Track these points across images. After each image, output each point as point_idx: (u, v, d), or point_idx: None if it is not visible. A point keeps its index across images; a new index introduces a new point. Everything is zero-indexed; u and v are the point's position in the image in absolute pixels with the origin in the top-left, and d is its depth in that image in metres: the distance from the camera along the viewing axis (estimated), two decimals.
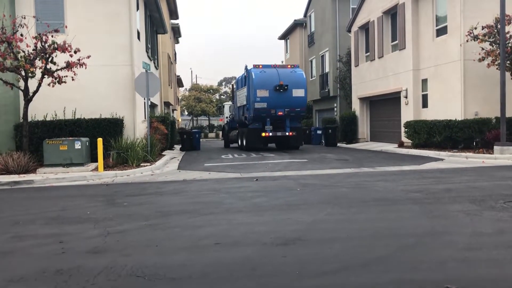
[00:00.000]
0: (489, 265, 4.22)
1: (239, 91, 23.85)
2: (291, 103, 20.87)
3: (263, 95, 20.59)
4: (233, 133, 25.65)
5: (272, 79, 20.78)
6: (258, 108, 20.65)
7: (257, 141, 21.44)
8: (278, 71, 21.33)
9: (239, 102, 23.91)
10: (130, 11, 15.59)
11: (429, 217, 6.29)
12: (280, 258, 4.59)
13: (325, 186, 9.56)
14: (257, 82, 20.68)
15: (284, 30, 40.49)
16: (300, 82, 21.29)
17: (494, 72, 15.81)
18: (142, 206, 7.68)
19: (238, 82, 24.65)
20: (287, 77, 20.99)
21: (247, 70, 21.87)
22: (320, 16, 32.05)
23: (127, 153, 13.79)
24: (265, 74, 20.93)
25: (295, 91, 20.82)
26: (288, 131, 21.28)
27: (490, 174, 10.80)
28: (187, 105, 50.30)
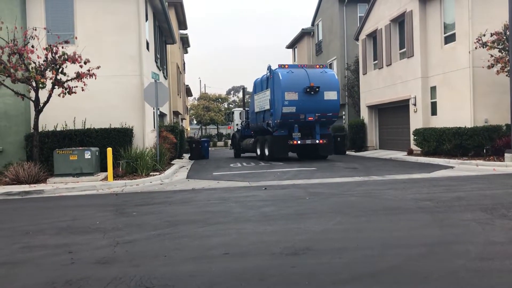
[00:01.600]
0: (502, 275, 4.15)
1: (258, 95, 21.69)
2: (322, 107, 19.00)
3: (292, 98, 18.61)
4: (247, 142, 23.47)
5: (301, 80, 18.87)
6: (286, 112, 18.63)
7: (282, 150, 19.44)
8: (307, 71, 19.35)
9: (257, 107, 21.74)
10: (139, 22, 15.74)
11: (440, 226, 6.22)
12: (289, 268, 4.56)
13: (334, 195, 9.51)
14: (285, 84, 18.64)
15: (292, 39, 40.60)
16: (332, 84, 19.38)
17: (504, 79, 15.70)
18: (151, 216, 7.68)
19: (256, 85, 22.37)
20: (318, 78, 19.07)
21: (271, 71, 19.73)
22: (327, 25, 32.12)
23: (137, 163, 13.84)
24: (293, 75, 18.97)
25: (327, 93, 18.98)
26: (318, 139, 19.35)
27: (501, 181, 10.68)
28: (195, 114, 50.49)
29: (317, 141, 19.33)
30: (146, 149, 14.96)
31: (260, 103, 21.23)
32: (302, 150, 20.73)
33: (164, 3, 18.93)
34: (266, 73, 20.46)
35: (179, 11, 29.25)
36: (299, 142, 19.11)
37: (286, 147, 19.41)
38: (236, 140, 25.59)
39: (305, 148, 20.30)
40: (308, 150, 20.43)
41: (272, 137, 19.67)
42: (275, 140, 19.50)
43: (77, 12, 15.48)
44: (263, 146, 20.59)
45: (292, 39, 40.52)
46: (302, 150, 20.71)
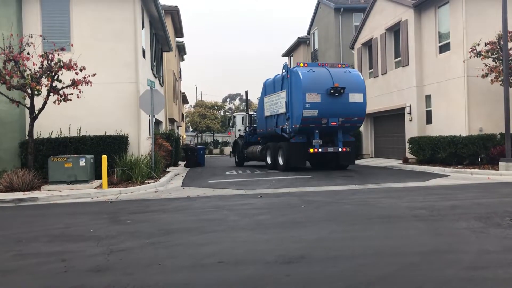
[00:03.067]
0: (495, 284, 4.16)
1: (270, 97, 19.56)
2: (347, 110, 16.98)
3: (314, 100, 16.50)
4: (253, 149, 21.54)
5: (324, 81, 16.86)
6: (307, 116, 16.51)
7: (300, 159, 17.53)
8: (329, 70, 17.38)
9: (268, 110, 19.63)
10: (136, 29, 15.78)
11: (434, 235, 6.24)
12: (283, 277, 4.55)
13: (329, 203, 9.51)
14: (306, 84, 16.56)
15: (288, 47, 40.79)
16: (358, 85, 17.43)
17: (498, 88, 15.81)
18: (146, 224, 7.66)
19: (267, 86, 20.20)
20: (342, 78, 17.10)
21: (288, 70, 17.71)
22: (323, 34, 32.30)
23: (132, 170, 13.81)
24: (314, 74, 16.98)
25: (352, 95, 17.01)
26: (341, 146, 17.35)
27: (495, 190, 10.72)
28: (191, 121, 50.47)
29: (340, 149, 17.32)
30: (141, 156, 14.94)
31: (272, 106, 19.19)
32: (319, 159, 18.81)
33: (161, 11, 19.00)
34: (281, 73, 18.53)
35: (175, 19, 29.35)
36: (320, 150, 17.00)
37: (305, 156, 17.65)
38: (239, 147, 23.43)
39: (324, 157, 18.42)
40: (327, 159, 18.52)
41: (288, 144, 17.56)
42: (292, 147, 17.38)
43: (73, 19, 15.50)
44: (275, 154, 18.68)
45: (288, 47, 40.72)
46: (320, 159, 18.78)
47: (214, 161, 29.69)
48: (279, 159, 18.38)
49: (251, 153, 21.81)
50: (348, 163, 18.22)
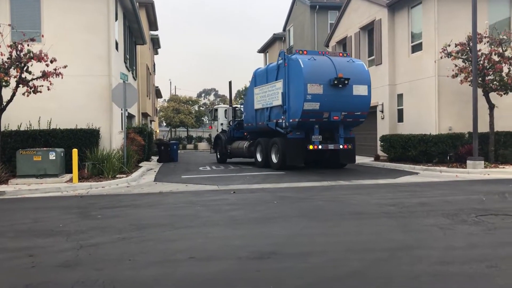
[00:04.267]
0: (461, 279, 4.28)
1: (261, 88, 17.99)
2: (350, 104, 15.63)
3: (316, 91, 15.02)
4: (239, 145, 20.27)
5: (327, 70, 15.40)
6: (308, 110, 15.07)
7: (298, 157, 16.08)
8: (331, 59, 15.90)
9: (259, 102, 18.13)
10: (109, 22, 15.50)
11: (403, 231, 6.36)
12: (254, 272, 4.57)
13: (302, 199, 9.59)
14: (307, 73, 15.03)
15: (264, 44, 40.85)
16: (363, 76, 16.00)
17: (467, 89, 16.20)
18: (117, 219, 7.56)
19: (258, 76, 18.59)
20: (346, 69, 15.67)
21: (285, 57, 16.20)
22: (299, 31, 32.45)
23: (103, 165, 13.60)
24: (316, 63, 15.46)
25: (356, 87, 15.64)
26: (343, 143, 16.02)
27: (463, 188, 11.01)
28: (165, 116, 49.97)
29: (341, 146, 15.96)
30: (113, 151, 14.72)
31: (265, 98, 17.63)
32: (317, 157, 17.31)
33: (135, 3, 18.73)
34: (276, 61, 16.98)
35: (150, 12, 28.98)
36: (320, 147, 15.66)
37: (303, 153, 16.08)
38: (222, 143, 21.91)
39: (322, 155, 17.06)
40: (325, 157, 17.22)
41: (285, 140, 16.15)
42: (289, 144, 15.97)
43: (44, 9, 15.12)
44: (268, 151, 17.28)
45: (264, 44, 40.78)
46: (317, 157, 17.31)
47: (188, 157, 29.50)
48: (272, 156, 17.08)
49: (237, 150, 20.54)
50: (348, 161, 16.91)
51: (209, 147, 30.02)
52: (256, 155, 18.40)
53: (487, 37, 15.80)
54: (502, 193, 9.72)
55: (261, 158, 18.00)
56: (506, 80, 15.12)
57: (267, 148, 17.38)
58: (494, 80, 15.40)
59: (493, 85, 15.46)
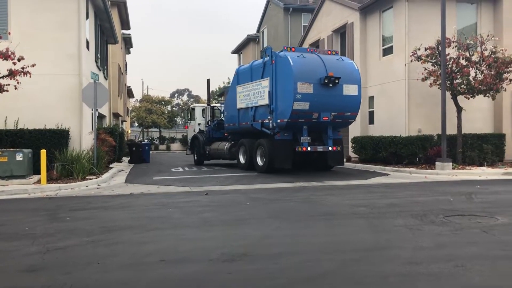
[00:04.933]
0: (429, 279, 4.35)
1: (245, 86, 17.11)
2: (340, 104, 15.06)
3: (306, 91, 14.40)
4: (220, 146, 19.43)
5: (316, 69, 14.78)
6: (298, 110, 14.41)
7: (286, 159, 15.26)
8: (321, 57, 15.27)
9: (243, 102, 17.20)
10: (79, 20, 15.21)
11: (374, 232, 6.45)
12: (226, 274, 4.54)
13: (274, 200, 9.61)
14: (297, 71, 14.38)
15: (238, 45, 40.84)
16: (353, 75, 15.46)
17: (436, 92, 16.56)
18: (86, 221, 7.41)
19: (241, 74, 17.73)
20: (336, 67, 15.08)
21: (272, 54, 15.33)
22: (272, 33, 32.58)
23: (73, 166, 13.33)
24: (305, 61, 14.84)
25: (346, 87, 15.06)
26: (331, 145, 15.41)
27: (431, 189, 11.24)
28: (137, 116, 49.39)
29: (330, 147, 15.37)
30: (83, 151, 14.45)
31: (249, 97, 16.80)
32: (303, 159, 16.62)
33: (106, 2, 18.44)
34: (262, 58, 16.22)
35: (122, 11, 28.58)
36: (309, 149, 14.97)
37: (291, 155, 15.36)
38: (200, 144, 20.95)
39: (309, 157, 16.49)
40: (311, 159, 16.64)
41: (272, 141, 15.43)
42: (277, 145, 15.23)
43: (11, 6, 14.71)
44: (253, 153, 16.50)
45: (238, 45, 40.78)
46: (304, 159, 16.63)
47: (160, 158, 29.22)
48: (257, 158, 16.25)
49: (216, 151, 19.72)
50: (336, 164, 16.35)
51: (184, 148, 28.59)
52: (239, 157, 17.65)
53: (455, 42, 16.20)
54: (469, 194, 9.97)
55: (244, 160, 17.26)
56: (473, 83, 15.53)
57: (252, 150, 16.59)
58: (461, 83, 15.80)
59: (460, 88, 15.86)
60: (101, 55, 20.59)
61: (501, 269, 4.61)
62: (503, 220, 7.00)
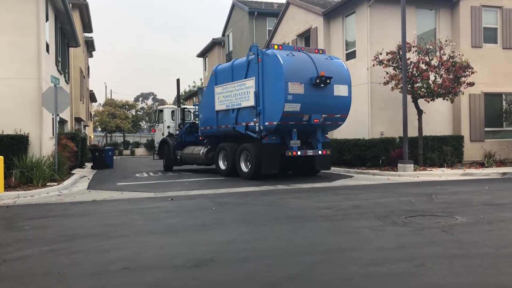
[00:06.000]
0: (390, 279, 4.44)
1: (225, 86, 16.01)
2: (330, 105, 14.39)
3: (297, 91, 13.57)
4: (194, 151, 18.38)
5: (307, 68, 14.03)
6: (289, 111, 13.58)
7: (275, 164, 14.42)
8: (310, 56, 14.47)
9: (223, 103, 16.15)
10: (39, 22, 14.78)
11: (338, 234, 6.54)
12: (190, 281, 4.50)
13: (240, 205, 9.60)
14: (288, 71, 13.51)
15: (203, 48, 40.71)
16: (343, 75, 14.83)
17: (398, 95, 16.96)
18: (46, 230, 7.19)
19: (220, 73, 16.58)
20: (325, 66, 14.32)
21: (260, 52, 14.36)
22: (238, 36, 32.63)
23: (32, 172, 12.92)
24: (295, 60, 14.01)
25: (337, 87, 14.45)
26: (321, 149, 14.74)
27: (394, 190, 11.49)
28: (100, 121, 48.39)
29: (320, 151, 14.66)
30: (43, 157, 14.03)
31: (230, 98, 15.75)
32: (289, 163, 15.78)
33: (67, 4, 17.99)
34: (246, 57, 15.23)
35: (84, 13, 27.99)
36: (299, 153, 14.19)
37: (278, 160, 14.50)
38: (170, 148, 19.71)
39: (294, 161, 15.75)
40: (297, 163, 15.96)
41: (259, 146, 14.49)
42: (264, 150, 14.27)
43: None
44: (235, 158, 15.48)
45: (203, 48, 40.64)
46: (289, 163, 15.76)
47: (124, 163, 28.70)
48: (241, 164, 15.22)
49: (190, 156, 18.64)
50: (324, 168, 15.54)
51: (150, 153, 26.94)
52: (218, 162, 16.56)
53: (415, 47, 16.66)
54: (430, 195, 10.24)
55: (225, 166, 16.24)
56: (432, 87, 15.98)
57: (234, 155, 15.54)
58: (422, 87, 16.24)
59: (421, 91, 16.29)
60: (62, 59, 20.09)
61: (459, 268, 4.75)
62: (462, 219, 7.22)
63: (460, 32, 18.56)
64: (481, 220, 7.14)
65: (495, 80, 18.72)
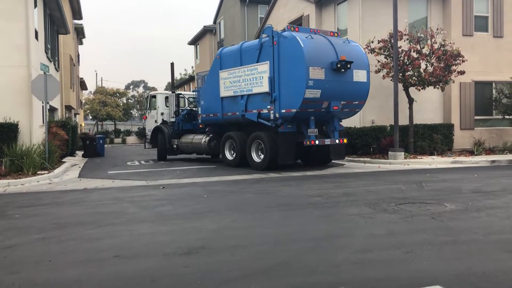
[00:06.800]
0: (379, 265, 4.49)
1: (232, 71, 15.00)
2: (350, 91, 13.65)
3: (318, 76, 12.73)
4: (194, 140, 17.61)
5: (326, 52, 13.20)
6: (309, 98, 12.75)
7: (292, 154, 13.77)
8: (328, 39, 13.67)
9: (229, 89, 15.15)
10: (27, 9, 14.58)
11: (328, 221, 6.59)
12: (182, 268, 4.52)
13: (232, 192, 9.63)
14: (309, 55, 12.66)
15: (194, 36, 40.37)
16: (362, 59, 14.07)
17: (389, 83, 17.00)
18: (36, 218, 7.17)
19: (226, 57, 15.50)
20: (345, 50, 13.57)
21: (276, 34, 13.39)
22: (229, 24, 32.42)
23: (22, 161, 12.84)
24: (315, 43, 13.15)
25: (356, 73, 13.66)
26: (338, 137, 14.08)
27: (384, 178, 11.58)
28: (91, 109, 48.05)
29: (337, 140, 13.98)
30: (33, 146, 13.92)
31: (239, 83, 14.75)
32: (301, 152, 14.91)
33: None
34: (258, 39, 14.32)
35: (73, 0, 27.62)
36: (317, 142, 13.44)
37: (294, 149, 13.83)
38: (165, 136, 18.93)
39: (308, 150, 14.85)
40: (310, 152, 15.13)
41: (275, 134, 13.80)
42: (282, 139, 13.56)
43: None
44: (247, 148, 14.50)
45: (194, 36, 40.31)
46: (302, 152, 14.94)
47: (115, 151, 28.59)
48: (252, 154, 14.35)
49: (190, 145, 17.89)
50: (338, 157, 15.02)
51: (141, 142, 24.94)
52: (224, 152, 15.62)
53: (407, 35, 16.66)
54: (420, 182, 10.34)
55: (232, 156, 15.34)
56: (423, 75, 16.04)
57: (244, 144, 14.65)
58: (413, 75, 16.30)
59: (412, 80, 16.35)
60: (51, 46, 19.86)
61: (447, 254, 4.82)
62: (451, 206, 7.30)
63: (451, 21, 18.59)
64: (470, 208, 7.23)
65: (486, 68, 18.83)
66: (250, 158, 14.44)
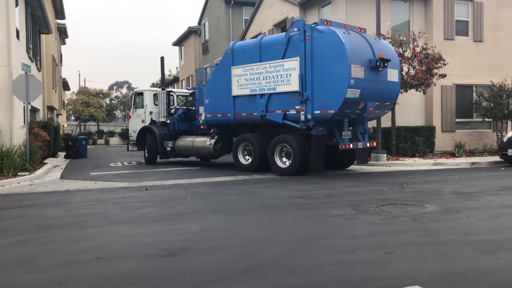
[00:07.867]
0: (360, 266, 4.54)
1: (247, 68, 13.64)
2: (384, 91, 12.78)
3: (358, 75, 11.74)
4: (195, 142, 15.87)
5: (363, 49, 12.27)
6: (349, 99, 11.70)
7: (321, 159, 12.61)
8: (363, 36, 12.79)
9: (245, 87, 13.72)
10: (8, 8, 14.39)
11: (311, 222, 6.64)
12: (164, 270, 4.51)
13: (215, 194, 9.63)
14: (350, 51, 11.62)
15: (179, 37, 40.25)
16: (394, 58, 13.22)
17: None
18: (17, 220, 7.08)
19: (239, 52, 14.10)
20: (380, 48, 12.75)
21: (307, 28, 12.29)
22: (214, 25, 32.39)
23: (2, 162, 12.65)
24: (352, 39, 12.14)
25: (390, 72, 12.74)
26: (368, 140, 13.28)
27: (367, 179, 11.69)
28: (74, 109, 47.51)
29: (368, 144, 13.19)
30: (14, 147, 13.73)
31: (258, 81, 13.41)
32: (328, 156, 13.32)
33: None
34: (286, 33, 13.02)
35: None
36: (351, 146, 12.52)
37: (324, 154, 12.77)
38: (156, 138, 17.06)
39: (334, 154, 13.63)
40: (334, 156, 13.84)
41: (303, 138, 12.72)
42: (314, 143, 12.45)
43: None
44: (269, 152, 13.22)
45: (179, 37, 40.19)
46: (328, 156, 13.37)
47: (98, 152, 28.31)
48: (276, 158, 13.07)
49: (189, 148, 16.17)
50: (363, 162, 14.06)
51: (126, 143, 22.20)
52: (238, 156, 14.15)
53: (390, 38, 16.83)
54: (401, 184, 10.46)
55: (246, 161, 14.02)
56: (405, 78, 16.22)
57: (263, 148, 13.42)
58: None
59: None
60: (33, 46, 19.61)
61: (427, 254, 4.89)
62: (431, 208, 7.41)
63: (433, 24, 18.85)
64: (450, 209, 7.34)
65: (466, 72, 19.14)
66: (273, 163, 13.20)
